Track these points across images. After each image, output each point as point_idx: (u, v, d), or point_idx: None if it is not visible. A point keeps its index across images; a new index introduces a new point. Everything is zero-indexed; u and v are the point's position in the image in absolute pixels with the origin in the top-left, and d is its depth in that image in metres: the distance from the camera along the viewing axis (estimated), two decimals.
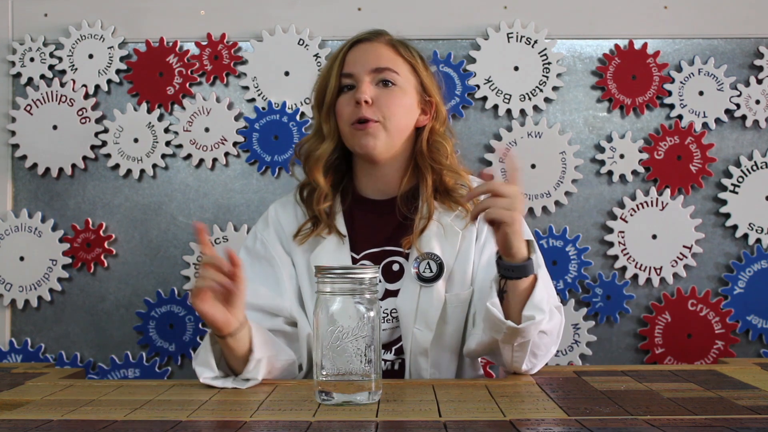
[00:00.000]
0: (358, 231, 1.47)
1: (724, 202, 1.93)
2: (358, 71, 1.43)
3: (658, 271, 1.93)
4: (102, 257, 1.96)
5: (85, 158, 1.97)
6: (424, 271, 1.41)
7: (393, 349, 1.44)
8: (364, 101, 1.40)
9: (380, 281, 1.44)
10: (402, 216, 1.45)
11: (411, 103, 1.45)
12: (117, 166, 1.97)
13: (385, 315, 1.42)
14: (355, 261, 1.45)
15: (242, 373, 1.28)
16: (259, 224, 1.54)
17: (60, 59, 1.97)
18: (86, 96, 1.97)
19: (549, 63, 1.93)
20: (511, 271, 1.27)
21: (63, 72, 1.97)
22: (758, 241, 1.93)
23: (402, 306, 1.41)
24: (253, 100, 1.97)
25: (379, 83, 1.43)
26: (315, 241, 1.45)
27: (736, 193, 1.92)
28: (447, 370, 1.44)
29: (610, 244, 1.93)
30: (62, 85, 1.97)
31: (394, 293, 1.43)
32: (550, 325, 1.31)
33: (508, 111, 1.95)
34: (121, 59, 1.97)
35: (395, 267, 1.45)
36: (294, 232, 1.47)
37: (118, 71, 1.97)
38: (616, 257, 1.93)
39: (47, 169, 1.97)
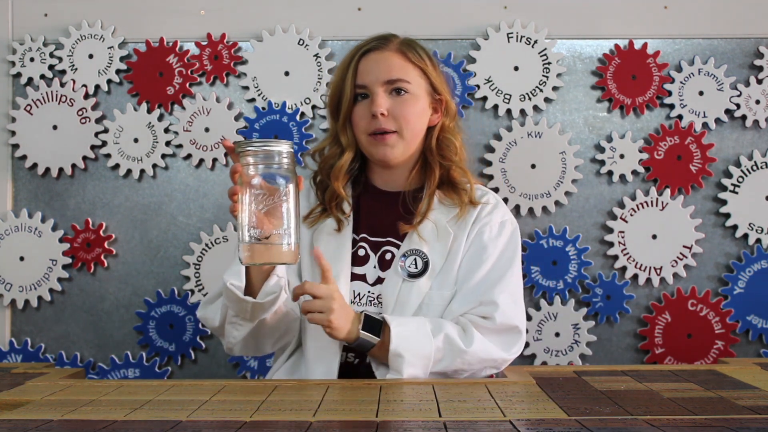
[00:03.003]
0: (362, 215, 1.53)
1: (724, 202, 1.93)
2: (371, 83, 1.46)
3: (658, 271, 1.93)
4: (102, 257, 1.96)
5: (85, 158, 1.97)
6: (409, 267, 1.46)
7: None
8: (380, 114, 1.44)
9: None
10: (405, 210, 1.49)
11: (423, 107, 1.50)
12: (117, 166, 1.97)
13: (372, 299, 1.47)
14: (354, 242, 1.49)
15: (261, 292, 1.37)
16: None
17: (60, 59, 1.97)
18: (86, 96, 1.97)
19: (549, 63, 1.93)
20: (357, 347, 1.38)
21: (63, 72, 1.97)
22: (758, 241, 1.92)
23: (385, 294, 1.46)
24: (253, 100, 1.96)
25: (392, 92, 1.47)
26: (320, 219, 1.52)
27: (736, 193, 1.92)
28: None
29: (610, 244, 1.93)
30: (62, 85, 1.97)
31: (383, 280, 1.48)
32: (464, 359, 1.37)
33: (508, 111, 1.95)
34: (121, 59, 1.97)
35: (388, 256, 1.49)
36: (305, 214, 1.54)
37: (118, 71, 1.97)
38: (616, 257, 1.93)
39: (47, 169, 1.97)
